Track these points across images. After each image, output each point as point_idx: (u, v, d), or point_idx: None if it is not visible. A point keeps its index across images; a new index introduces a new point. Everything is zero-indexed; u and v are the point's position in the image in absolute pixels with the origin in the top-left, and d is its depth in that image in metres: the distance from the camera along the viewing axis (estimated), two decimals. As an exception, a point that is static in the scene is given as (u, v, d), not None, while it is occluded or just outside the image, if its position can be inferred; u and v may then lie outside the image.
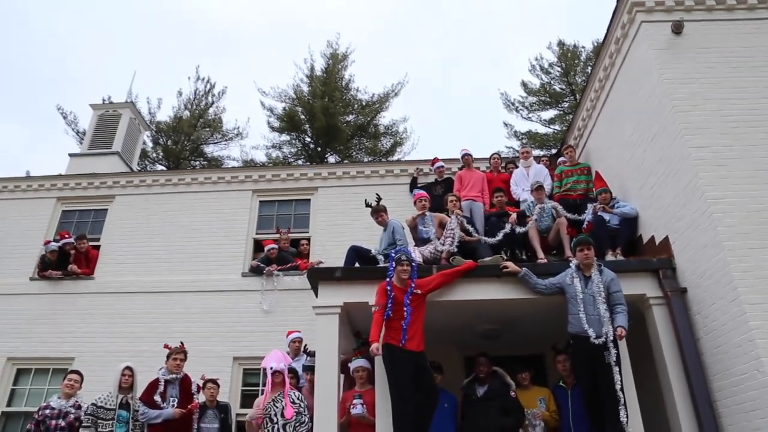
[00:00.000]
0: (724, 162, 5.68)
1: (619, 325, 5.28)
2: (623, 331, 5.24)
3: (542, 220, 7.26)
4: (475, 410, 5.92)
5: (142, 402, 6.06)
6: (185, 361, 6.43)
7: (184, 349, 6.48)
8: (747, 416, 4.89)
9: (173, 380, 6.25)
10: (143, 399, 6.08)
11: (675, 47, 6.45)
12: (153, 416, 5.99)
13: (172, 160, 24.01)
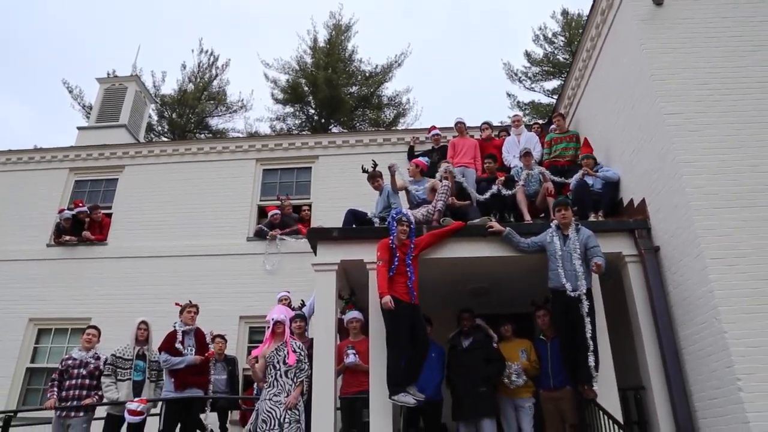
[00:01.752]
0: (697, 128, 6.03)
1: (596, 260, 5.67)
2: (600, 264, 5.63)
3: (530, 185, 7.66)
4: (461, 360, 6.42)
5: (164, 351, 6.58)
6: (197, 314, 6.96)
7: (195, 304, 7.00)
8: (705, 360, 5.36)
9: (189, 331, 6.80)
10: (165, 348, 6.61)
11: (656, 18, 6.74)
12: (176, 362, 6.53)
13: (178, 133, 24.38)
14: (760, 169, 5.76)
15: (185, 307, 6.91)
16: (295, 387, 5.95)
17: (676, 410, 5.65)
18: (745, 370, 4.93)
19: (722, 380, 5.11)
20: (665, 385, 5.79)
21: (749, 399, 4.83)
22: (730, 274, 5.31)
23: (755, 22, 6.69)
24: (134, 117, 13.36)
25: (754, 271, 5.32)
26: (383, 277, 5.67)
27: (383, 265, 5.73)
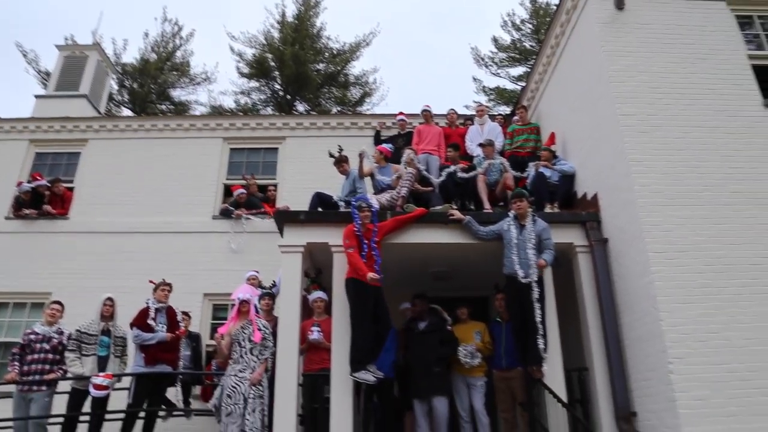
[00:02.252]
0: (648, 129, 6.43)
1: (541, 257, 6.09)
2: (544, 263, 6.06)
3: (491, 175, 7.98)
4: (417, 342, 6.73)
5: (136, 326, 6.70)
6: (171, 292, 7.08)
7: (168, 282, 7.12)
8: (642, 345, 5.82)
9: (161, 309, 6.92)
10: (137, 323, 6.73)
11: (616, 22, 7.08)
12: (148, 338, 6.67)
13: (138, 104, 23.88)
14: (701, 170, 6.21)
15: (159, 285, 7.02)
16: (260, 364, 6.20)
17: (614, 390, 6.12)
18: (676, 354, 5.40)
19: (656, 363, 5.58)
20: (606, 367, 6.25)
21: (678, 381, 5.31)
22: (670, 267, 5.76)
23: (707, 31, 7.10)
24: (95, 87, 13.07)
25: (691, 265, 5.78)
26: (359, 260, 5.98)
27: (355, 251, 6.00)
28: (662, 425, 5.49)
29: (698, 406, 5.24)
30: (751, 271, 5.78)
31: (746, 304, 5.63)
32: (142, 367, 6.59)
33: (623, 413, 6.00)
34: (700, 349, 5.45)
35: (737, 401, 5.27)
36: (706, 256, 5.83)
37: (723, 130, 6.51)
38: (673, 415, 5.28)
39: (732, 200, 6.10)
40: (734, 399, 5.28)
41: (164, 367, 6.73)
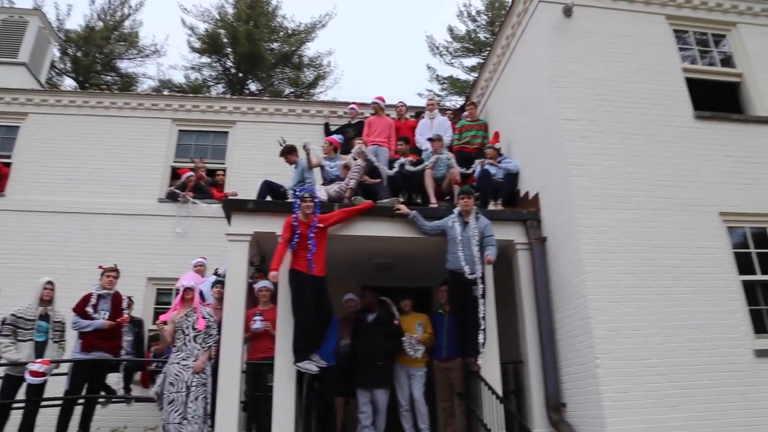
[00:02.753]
0: (587, 134, 6.73)
1: (488, 254, 6.31)
2: (491, 259, 6.28)
3: (438, 169, 8.16)
4: (364, 334, 6.91)
5: (75, 313, 6.59)
6: (118, 278, 6.96)
7: (117, 268, 7.00)
8: (572, 341, 6.18)
9: (106, 295, 6.81)
10: (76, 310, 6.61)
11: (564, 28, 7.33)
12: (84, 325, 6.57)
13: (82, 73, 22.96)
14: (635, 176, 6.57)
15: (106, 271, 6.90)
16: (204, 352, 6.22)
17: (546, 382, 6.47)
18: (603, 350, 5.76)
19: (585, 358, 5.94)
20: (540, 360, 6.58)
21: (603, 375, 5.67)
22: (601, 268, 6.10)
23: (647, 43, 7.47)
24: (36, 55, 12.49)
25: (621, 266, 6.14)
26: (278, 254, 6.08)
27: (283, 243, 6.10)
28: (588, 416, 5.87)
29: (620, 398, 5.62)
30: (673, 274, 6.20)
31: (667, 304, 6.05)
32: (79, 354, 6.50)
33: (553, 404, 6.36)
34: (625, 346, 5.83)
35: (655, 394, 5.68)
36: (634, 257, 6.21)
37: (656, 138, 6.89)
38: (598, 406, 5.64)
39: (660, 206, 6.50)
40: (652, 392, 5.69)
41: (102, 354, 6.64)
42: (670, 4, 7.79)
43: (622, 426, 5.51)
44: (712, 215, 6.66)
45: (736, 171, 6.92)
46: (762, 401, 5.84)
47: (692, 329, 6.02)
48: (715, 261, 6.42)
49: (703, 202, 6.65)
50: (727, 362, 5.96)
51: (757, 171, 6.98)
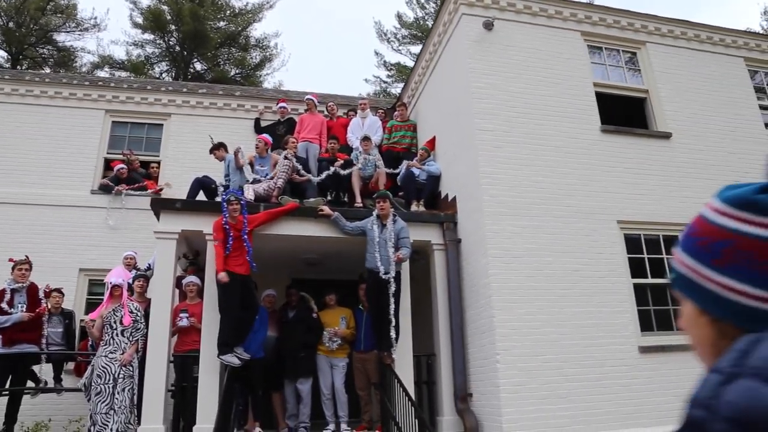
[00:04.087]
0: (500, 145, 7.23)
1: (399, 252, 6.74)
2: (401, 256, 6.71)
3: (366, 169, 8.54)
4: (287, 328, 7.31)
5: None
6: (30, 270, 7.05)
7: (29, 261, 7.08)
8: (479, 337, 6.73)
9: (20, 289, 6.91)
10: None
11: (484, 41, 7.76)
12: (2, 321, 6.66)
13: (15, 45, 22.11)
14: (542, 185, 7.12)
15: (17, 264, 6.96)
16: (131, 345, 6.48)
17: (455, 374, 7.02)
18: (503, 347, 6.33)
19: (488, 353, 6.50)
20: (450, 354, 7.13)
21: (502, 369, 6.25)
22: (506, 271, 6.65)
23: (563, 58, 7.98)
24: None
25: (523, 270, 6.70)
26: (219, 255, 6.33)
27: (219, 245, 6.36)
28: (488, 405, 6.46)
29: (516, 390, 6.22)
30: (571, 277, 6.81)
31: (564, 305, 6.66)
32: (0, 349, 6.63)
33: (461, 394, 6.93)
34: (523, 343, 6.42)
35: (548, 386, 6.31)
36: (536, 262, 6.78)
37: (565, 150, 7.45)
38: (497, 397, 6.23)
39: (563, 213, 7.08)
40: (546, 385, 6.31)
41: (25, 347, 6.78)
42: (586, 21, 8.33)
43: (516, 415, 6.11)
44: (611, 223, 7.29)
45: (635, 182, 7.57)
46: (643, 391, 6.56)
47: (586, 328, 6.66)
48: (611, 265, 7.07)
49: (603, 211, 7.27)
50: (615, 357, 6.63)
51: (654, 182, 7.65)
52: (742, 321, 0.78)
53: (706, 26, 8.93)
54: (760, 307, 0.77)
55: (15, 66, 21.51)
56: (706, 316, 0.84)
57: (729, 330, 0.81)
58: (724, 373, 0.72)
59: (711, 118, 8.31)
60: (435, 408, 7.24)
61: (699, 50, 8.78)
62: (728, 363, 0.73)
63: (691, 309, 0.87)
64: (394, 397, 6.65)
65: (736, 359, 0.73)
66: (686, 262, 0.86)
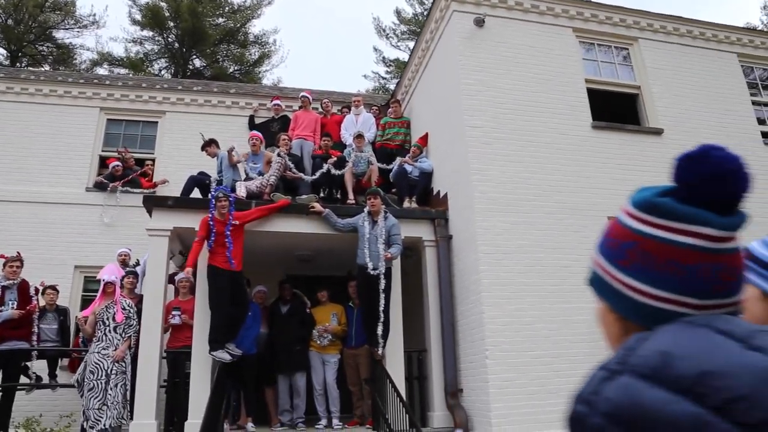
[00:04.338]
0: (490, 141, 7.25)
1: (389, 251, 6.80)
2: (389, 255, 6.76)
3: (358, 166, 8.57)
4: (280, 323, 7.36)
5: None
6: (21, 267, 7.10)
7: (20, 257, 7.12)
8: (470, 333, 6.77)
9: (11, 285, 6.95)
10: None
11: (475, 38, 7.77)
12: None
13: (14, 42, 22.15)
14: (532, 182, 7.14)
15: (8, 261, 7.00)
16: (123, 341, 6.54)
17: (446, 369, 7.06)
18: (492, 343, 6.37)
19: (478, 349, 6.54)
20: (441, 349, 7.17)
21: (491, 365, 6.29)
22: (496, 267, 6.68)
23: (554, 54, 7.99)
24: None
25: (513, 266, 6.73)
26: (193, 251, 6.46)
27: (198, 242, 6.45)
28: (478, 401, 6.50)
29: (506, 386, 6.26)
30: (561, 273, 6.83)
31: (554, 301, 6.69)
32: (-9, 345, 6.69)
33: (451, 389, 6.97)
34: (513, 339, 6.45)
35: (537, 382, 6.34)
36: (527, 258, 6.81)
37: (555, 146, 7.47)
38: (486, 393, 6.27)
39: (554, 210, 7.10)
40: (535, 380, 6.34)
41: (16, 343, 6.83)
42: (577, 17, 8.33)
43: (505, 410, 6.15)
44: (602, 219, 7.27)
45: (626, 178, 7.56)
46: (632, 386, 6.57)
47: (576, 324, 6.68)
48: (601, 261, 7.06)
49: (594, 207, 7.28)
50: (606, 353, 6.63)
51: (645, 179, 7.60)
52: (643, 319, 0.81)
53: (698, 22, 8.92)
54: (659, 307, 0.80)
55: (14, 63, 21.56)
56: (614, 314, 0.87)
57: (632, 328, 0.83)
58: (609, 370, 0.75)
59: (703, 114, 8.31)
60: (426, 403, 7.29)
61: (692, 46, 8.78)
62: (614, 360, 0.76)
63: (602, 307, 0.90)
64: (385, 393, 6.70)
65: (621, 357, 0.76)
66: (599, 262, 0.89)
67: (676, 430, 0.65)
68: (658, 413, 0.67)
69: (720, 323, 0.75)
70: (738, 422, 0.64)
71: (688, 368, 0.69)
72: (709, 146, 0.83)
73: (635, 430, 0.68)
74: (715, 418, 0.65)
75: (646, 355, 0.73)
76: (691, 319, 0.77)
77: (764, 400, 0.65)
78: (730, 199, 0.80)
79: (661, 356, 0.71)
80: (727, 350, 0.70)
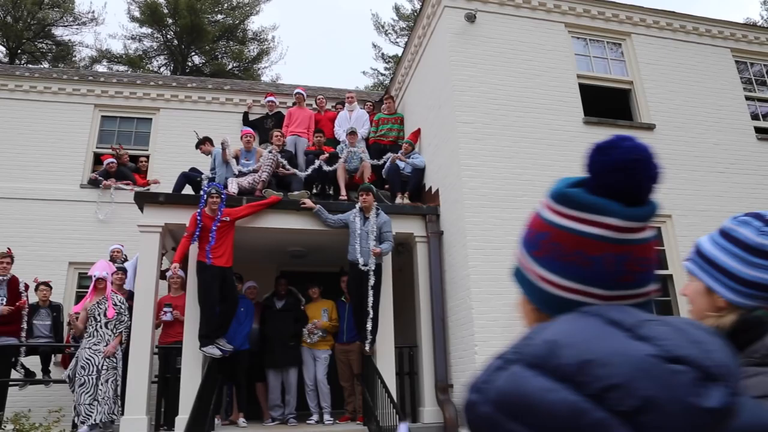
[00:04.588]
0: (481, 137, 7.25)
1: (380, 246, 6.81)
2: (378, 251, 6.77)
3: (351, 162, 8.58)
4: (274, 318, 7.38)
5: None
6: (12, 264, 7.13)
7: (10, 254, 7.15)
8: (459, 328, 6.78)
9: (0, 282, 6.97)
10: None
11: (466, 34, 7.76)
12: None
13: (13, 40, 22.19)
14: (523, 178, 7.14)
15: None
16: (114, 337, 6.58)
17: (437, 364, 7.08)
18: (482, 338, 6.38)
19: (467, 344, 6.55)
20: (432, 345, 7.18)
21: (480, 360, 6.28)
22: (485, 263, 6.68)
23: (546, 49, 7.97)
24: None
25: (503, 262, 6.71)
26: (181, 247, 6.51)
27: (186, 237, 6.49)
28: (467, 396, 6.49)
29: (494, 381, 6.25)
30: (551, 268, 6.81)
31: (543, 296, 6.67)
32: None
33: (442, 385, 6.99)
34: (502, 334, 6.44)
35: (526, 377, 6.33)
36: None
37: (547, 142, 7.46)
38: (475, 388, 6.26)
39: (544, 205, 7.08)
40: (524, 375, 6.33)
41: (5, 339, 6.86)
42: (570, 13, 8.31)
43: (493, 405, 6.14)
44: (592, 214, 7.29)
45: (617, 173, 7.55)
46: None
47: (567, 318, 6.67)
48: (592, 256, 7.06)
49: (585, 202, 7.25)
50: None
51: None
52: (554, 310, 0.81)
53: (692, 17, 8.90)
54: (567, 297, 0.80)
55: (13, 61, 21.60)
56: (530, 305, 0.88)
57: (546, 318, 0.84)
58: (504, 359, 0.75)
59: (696, 109, 8.30)
60: (417, 398, 7.30)
61: (685, 41, 8.75)
62: (511, 350, 0.77)
63: (521, 298, 0.91)
64: (375, 389, 6.72)
65: (518, 346, 0.76)
66: (519, 253, 0.90)
67: (554, 418, 0.66)
68: (538, 401, 0.67)
69: (612, 313, 0.74)
70: (613, 410, 0.65)
71: (570, 357, 0.69)
72: (618, 137, 0.83)
73: (519, 418, 0.68)
74: (591, 406, 0.65)
75: (536, 344, 0.73)
76: (587, 309, 0.77)
77: (638, 389, 0.65)
78: (637, 189, 0.80)
79: (548, 345, 0.72)
80: (611, 339, 0.70)
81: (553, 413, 0.66)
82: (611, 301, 0.79)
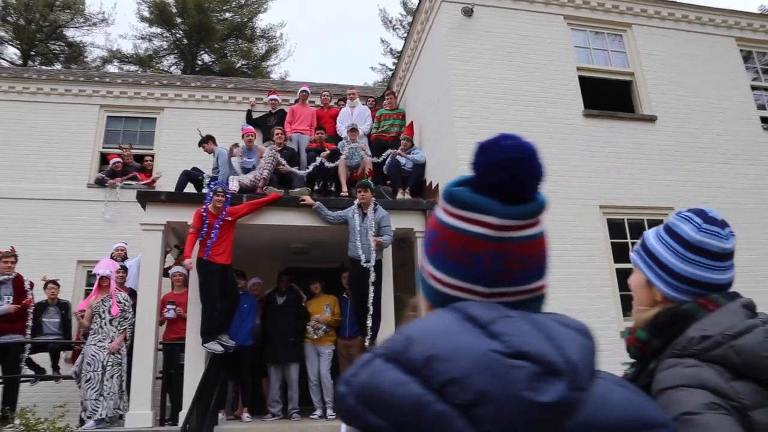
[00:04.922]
0: (479, 131, 7.21)
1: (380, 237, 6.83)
2: (380, 241, 6.80)
3: (352, 158, 8.62)
4: (276, 314, 7.46)
5: None
6: (16, 263, 7.26)
7: (14, 252, 7.28)
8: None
9: (5, 281, 7.12)
10: None
11: (463, 28, 7.74)
12: None
13: (26, 42, 22.48)
14: (521, 172, 7.10)
15: (2, 256, 7.14)
16: (119, 334, 6.72)
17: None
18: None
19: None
20: (432, 339, 7.19)
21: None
22: (482, 258, 6.67)
23: (545, 42, 7.93)
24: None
25: (501, 256, 6.72)
26: (189, 243, 6.58)
27: (193, 233, 6.55)
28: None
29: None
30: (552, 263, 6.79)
31: (542, 290, 6.66)
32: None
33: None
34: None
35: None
36: (515, 247, 6.79)
37: (546, 135, 7.41)
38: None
39: (543, 199, 7.06)
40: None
41: (11, 337, 7.00)
42: (569, 5, 8.25)
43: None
44: (593, 208, 7.29)
45: (619, 166, 7.53)
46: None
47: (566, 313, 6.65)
48: (593, 250, 7.06)
49: (585, 196, 7.25)
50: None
51: (638, 167, 7.61)
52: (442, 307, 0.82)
53: (694, 6, 8.79)
54: (453, 295, 0.81)
55: (26, 62, 21.92)
56: (428, 303, 0.89)
57: None
58: (374, 354, 0.78)
59: (699, 100, 8.21)
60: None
61: (687, 31, 8.66)
62: (382, 345, 0.79)
63: (422, 296, 0.94)
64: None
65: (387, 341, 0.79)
66: (421, 254, 0.92)
67: (402, 410, 0.69)
68: (389, 394, 0.70)
69: (473, 309, 0.76)
70: (453, 403, 0.68)
71: (419, 352, 0.72)
72: (501, 135, 0.85)
73: (375, 410, 0.71)
74: (434, 399, 0.68)
75: (398, 339, 0.76)
76: (453, 305, 0.79)
77: (473, 384, 0.68)
78: (519, 187, 0.82)
79: (406, 340, 0.75)
80: (460, 335, 0.72)
81: (401, 406, 0.69)
82: (492, 298, 0.80)
